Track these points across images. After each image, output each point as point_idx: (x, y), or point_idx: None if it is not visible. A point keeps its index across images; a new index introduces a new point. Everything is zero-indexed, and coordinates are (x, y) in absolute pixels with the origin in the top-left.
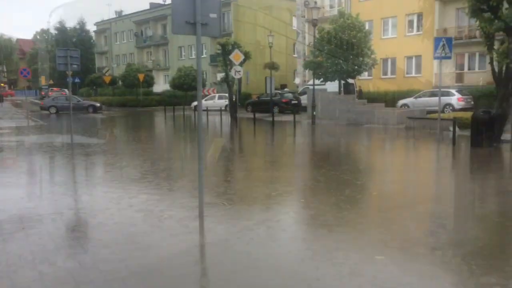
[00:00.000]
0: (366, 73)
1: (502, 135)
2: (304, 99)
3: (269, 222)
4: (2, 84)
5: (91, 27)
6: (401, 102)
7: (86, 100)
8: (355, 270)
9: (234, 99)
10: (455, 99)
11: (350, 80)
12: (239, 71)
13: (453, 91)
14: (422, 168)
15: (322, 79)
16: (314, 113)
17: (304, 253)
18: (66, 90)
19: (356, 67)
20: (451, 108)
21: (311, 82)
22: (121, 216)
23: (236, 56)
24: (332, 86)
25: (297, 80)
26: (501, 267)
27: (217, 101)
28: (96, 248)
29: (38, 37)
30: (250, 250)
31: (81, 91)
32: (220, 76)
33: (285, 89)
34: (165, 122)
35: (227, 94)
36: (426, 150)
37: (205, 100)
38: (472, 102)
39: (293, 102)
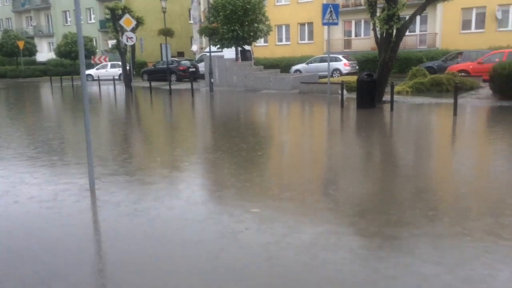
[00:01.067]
0: (262, 40)
1: (383, 96)
2: (202, 67)
3: (164, 191)
4: None
5: None
6: (294, 68)
7: None
8: (232, 222)
9: (128, 68)
10: (342, 64)
11: (247, 47)
12: (132, 38)
13: (340, 56)
14: (311, 129)
15: (218, 46)
16: (212, 80)
17: (195, 218)
18: None
19: (251, 33)
20: (338, 72)
21: (208, 49)
22: (6, 196)
23: (127, 22)
24: (230, 53)
25: (194, 47)
26: (372, 214)
27: (109, 70)
28: None
29: None
30: (143, 221)
31: None
32: (111, 43)
33: (182, 57)
34: (52, 94)
35: (120, 63)
36: (317, 113)
37: (97, 69)
38: (357, 67)
39: (191, 69)
